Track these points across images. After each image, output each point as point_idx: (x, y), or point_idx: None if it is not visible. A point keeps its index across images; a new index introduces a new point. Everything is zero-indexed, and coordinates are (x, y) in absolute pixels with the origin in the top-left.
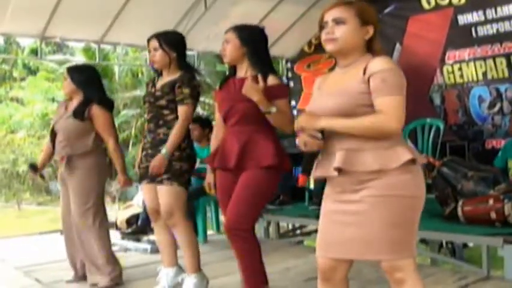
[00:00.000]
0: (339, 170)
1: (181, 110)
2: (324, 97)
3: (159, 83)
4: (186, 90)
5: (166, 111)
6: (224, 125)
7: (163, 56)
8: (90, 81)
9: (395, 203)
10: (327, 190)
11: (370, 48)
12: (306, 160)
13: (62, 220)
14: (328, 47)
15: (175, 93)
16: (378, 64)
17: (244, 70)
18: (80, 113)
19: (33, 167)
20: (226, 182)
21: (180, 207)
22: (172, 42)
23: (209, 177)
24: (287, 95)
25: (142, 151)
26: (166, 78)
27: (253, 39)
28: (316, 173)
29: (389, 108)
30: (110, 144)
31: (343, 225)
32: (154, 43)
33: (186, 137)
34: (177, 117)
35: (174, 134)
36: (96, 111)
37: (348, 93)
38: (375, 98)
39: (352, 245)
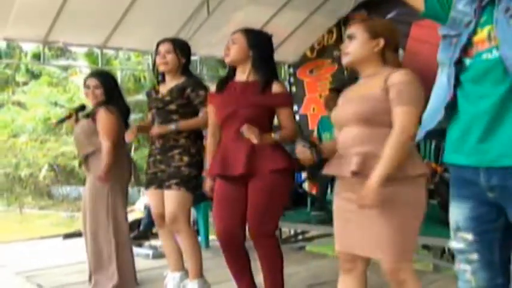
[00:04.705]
0: (355, 173)
1: (206, 111)
2: (345, 105)
3: (164, 88)
4: (202, 92)
5: (175, 116)
6: (222, 130)
7: (175, 60)
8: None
9: (402, 210)
10: (337, 188)
11: (385, 59)
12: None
13: (83, 223)
14: (343, 61)
15: (185, 98)
16: (398, 76)
17: (246, 74)
18: (90, 114)
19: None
20: (228, 190)
21: (184, 213)
22: (184, 48)
23: (209, 183)
24: (291, 104)
25: (149, 157)
26: (171, 83)
27: (260, 43)
28: (328, 170)
29: (400, 121)
30: (105, 146)
31: (352, 224)
32: (168, 46)
33: (197, 142)
34: None
35: (194, 120)
36: (100, 113)
37: (367, 101)
38: (392, 107)
39: (358, 242)
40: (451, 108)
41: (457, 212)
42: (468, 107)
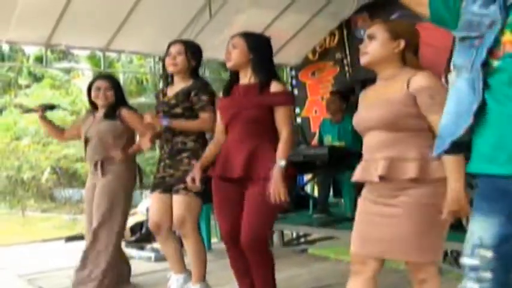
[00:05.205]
0: (381, 177)
1: (205, 116)
2: (367, 109)
3: (171, 91)
4: (205, 97)
5: (182, 120)
6: (226, 133)
7: (185, 62)
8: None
9: (429, 211)
10: (364, 193)
11: (405, 60)
12: None
13: (86, 228)
14: (361, 61)
15: (190, 101)
16: (423, 80)
17: (247, 77)
18: (109, 114)
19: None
20: (228, 191)
21: (192, 218)
22: (195, 51)
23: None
24: (290, 102)
25: (159, 162)
26: (179, 86)
27: (260, 47)
28: (356, 177)
29: None
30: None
31: (377, 226)
32: (180, 47)
33: (205, 145)
34: None
35: (189, 122)
36: (126, 113)
37: (391, 105)
38: (426, 114)
39: (384, 244)
40: (477, 114)
41: (484, 227)
42: (503, 111)
